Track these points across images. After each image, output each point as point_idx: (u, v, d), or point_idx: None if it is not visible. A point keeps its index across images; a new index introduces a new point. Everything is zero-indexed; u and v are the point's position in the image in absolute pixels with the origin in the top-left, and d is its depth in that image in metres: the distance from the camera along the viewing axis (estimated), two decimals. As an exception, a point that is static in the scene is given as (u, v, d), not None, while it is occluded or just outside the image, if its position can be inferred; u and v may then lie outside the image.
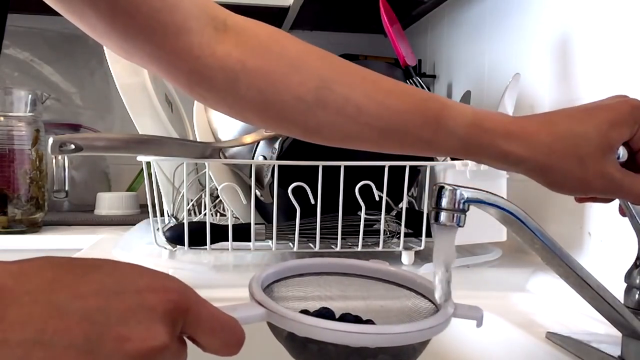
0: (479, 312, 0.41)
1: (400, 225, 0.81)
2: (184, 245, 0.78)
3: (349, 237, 0.81)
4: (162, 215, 0.84)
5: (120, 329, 0.28)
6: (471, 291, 0.68)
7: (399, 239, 0.81)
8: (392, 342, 0.36)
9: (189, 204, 0.84)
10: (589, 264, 0.52)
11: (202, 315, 0.31)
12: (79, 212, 1.35)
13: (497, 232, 0.83)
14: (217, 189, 0.86)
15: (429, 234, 0.81)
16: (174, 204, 0.88)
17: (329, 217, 0.79)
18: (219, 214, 1.08)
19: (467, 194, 0.40)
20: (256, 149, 0.83)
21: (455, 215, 0.40)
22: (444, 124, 0.48)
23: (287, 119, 0.50)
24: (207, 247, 0.78)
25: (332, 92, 0.48)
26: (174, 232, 0.79)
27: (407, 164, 0.78)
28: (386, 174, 0.77)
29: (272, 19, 1.38)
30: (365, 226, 0.79)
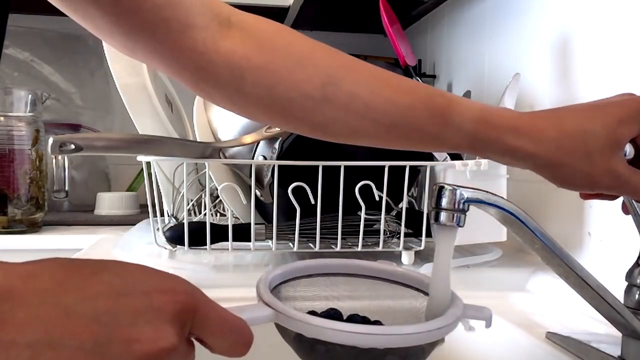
0: (488, 313, 0.41)
1: (400, 225, 0.81)
2: (184, 245, 0.77)
3: (349, 237, 0.81)
4: (162, 215, 0.84)
5: (128, 330, 0.28)
6: (471, 291, 0.68)
7: (399, 239, 0.81)
8: (401, 343, 0.36)
9: (189, 204, 0.84)
10: (589, 264, 0.52)
11: (211, 316, 0.31)
12: (79, 212, 1.35)
13: (497, 232, 0.83)
14: (217, 189, 0.86)
15: (429, 234, 0.81)
16: (174, 204, 0.88)
17: (329, 217, 0.79)
18: (219, 214, 1.08)
19: (467, 194, 0.40)
20: (256, 149, 0.83)
21: (455, 215, 0.40)
22: (451, 120, 0.48)
23: (293, 116, 0.49)
24: (207, 247, 0.78)
25: (339, 88, 0.48)
26: (174, 232, 0.79)
27: (407, 164, 0.78)
28: (386, 174, 0.77)
29: (272, 18, 1.38)
30: (365, 226, 0.79)
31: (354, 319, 0.42)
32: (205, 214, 0.82)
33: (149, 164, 0.83)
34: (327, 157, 0.76)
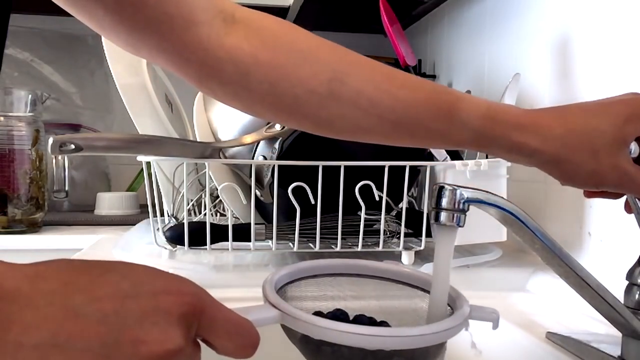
0: (495, 315, 0.41)
1: (400, 225, 0.81)
2: (184, 245, 0.77)
3: (349, 237, 0.81)
4: (162, 215, 0.84)
5: (136, 332, 0.28)
6: (471, 291, 0.68)
7: (399, 239, 0.81)
8: (408, 345, 0.36)
9: (189, 204, 0.84)
10: (589, 264, 0.52)
11: (217, 317, 0.31)
12: (79, 212, 1.35)
13: (497, 232, 0.83)
14: (217, 189, 0.86)
15: (429, 234, 0.81)
16: (174, 204, 0.88)
17: (329, 217, 0.79)
18: (219, 214, 1.08)
19: (467, 194, 0.40)
20: (256, 149, 0.83)
21: (455, 215, 0.40)
22: (457, 116, 0.47)
23: (299, 112, 0.49)
24: (207, 247, 0.78)
25: (345, 84, 0.48)
26: (174, 232, 0.79)
27: (407, 164, 0.78)
28: (386, 174, 0.77)
29: (272, 19, 1.37)
30: (365, 226, 0.79)
31: (361, 319, 0.42)
32: (205, 214, 0.82)
33: (149, 164, 0.83)
34: (327, 157, 0.76)
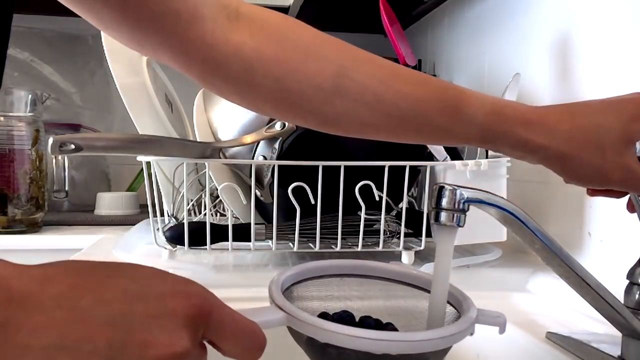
0: (502, 319, 0.41)
1: (400, 225, 0.81)
2: (184, 245, 0.77)
3: (349, 237, 0.81)
4: (162, 215, 0.84)
5: (143, 334, 0.27)
6: (471, 291, 0.68)
7: (399, 239, 0.81)
8: (414, 350, 0.35)
9: (189, 204, 0.84)
10: (589, 264, 0.52)
11: (224, 320, 0.31)
12: (79, 212, 1.35)
13: (497, 232, 0.83)
14: (217, 189, 0.86)
15: (429, 234, 0.81)
16: (174, 204, 0.88)
17: (329, 217, 0.79)
18: (219, 214, 1.08)
19: (467, 194, 0.40)
20: (256, 149, 0.83)
21: (455, 215, 0.40)
22: (462, 112, 0.47)
23: (304, 109, 0.49)
24: (207, 247, 0.78)
25: (351, 80, 0.47)
26: (174, 232, 0.79)
27: (407, 164, 0.78)
28: (386, 174, 0.77)
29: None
30: (365, 226, 0.79)
31: (367, 321, 0.42)
32: (205, 214, 0.82)
33: (149, 164, 0.83)
34: (327, 157, 0.76)
